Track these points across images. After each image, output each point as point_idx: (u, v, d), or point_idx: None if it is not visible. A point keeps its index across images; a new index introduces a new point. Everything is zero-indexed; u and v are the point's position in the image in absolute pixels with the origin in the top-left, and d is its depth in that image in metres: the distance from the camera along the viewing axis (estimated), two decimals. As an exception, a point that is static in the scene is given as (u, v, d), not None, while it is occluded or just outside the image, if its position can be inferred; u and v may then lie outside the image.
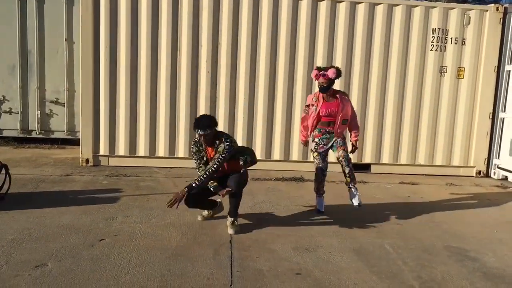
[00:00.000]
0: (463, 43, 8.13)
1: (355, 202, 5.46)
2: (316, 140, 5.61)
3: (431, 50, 8.07)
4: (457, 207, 6.29)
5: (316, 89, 5.85)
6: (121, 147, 7.80)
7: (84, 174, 7.14)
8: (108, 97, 7.66)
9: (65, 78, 9.29)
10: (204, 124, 4.79)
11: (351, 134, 5.80)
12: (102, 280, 3.70)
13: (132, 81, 7.67)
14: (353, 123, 5.73)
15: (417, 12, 7.97)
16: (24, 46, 9.21)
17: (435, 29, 8.04)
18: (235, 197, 5.01)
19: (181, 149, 7.86)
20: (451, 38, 8.09)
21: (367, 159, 8.21)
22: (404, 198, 6.65)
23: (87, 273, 3.79)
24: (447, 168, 8.36)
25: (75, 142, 9.37)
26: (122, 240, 4.54)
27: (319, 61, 7.79)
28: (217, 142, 4.85)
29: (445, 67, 8.14)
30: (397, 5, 7.95)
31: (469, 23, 8.08)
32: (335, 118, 5.51)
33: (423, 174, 8.18)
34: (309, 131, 5.63)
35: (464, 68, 8.18)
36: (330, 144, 5.60)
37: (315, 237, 4.88)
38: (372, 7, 7.87)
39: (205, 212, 5.29)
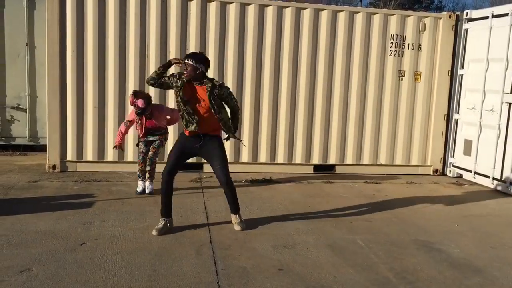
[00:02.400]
0: (419, 48, 8.58)
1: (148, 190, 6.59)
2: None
3: (390, 55, 8.48)
4: (419, 204, 6.65)
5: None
6: (89, 152, 7.75)
7: (52, 180, 7.06)
8: (76, 102, 7.60)
9: (26, 84, 9.11)
10: (197, 57, 4.86)
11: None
12: (90, 282, 3.75)
13: (100, 85, 7.65)
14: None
15: (377, 19, 8.35)
16: (-17, 51, 8.98)
17: (393, 35, 8.45)
18: (231, 189, 5.19)
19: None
20: (408, 44, 8.52)
21: (331, 160, 8.51)
22: (369, 196, 6.96)
23: (74, 276, 3.83)
24: (407, 167, 8.77)
25: (38, 149, 9.23)
26: (103, 244, 4.58)
27: (284, 63, 8.05)
28: (208, 83, 4.90)
29: (403, 71, 8.57)
30: (358, 12, 8.32)
31: (424, 29, 8.54)
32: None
33: (384, 174, 8.56)
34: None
35: (421, 72, 8.63)
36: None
37: (291, 235, 5.08)
38: (334, 14, 8.19)
39: (160, 225, 5.05)
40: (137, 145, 6.71)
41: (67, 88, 7.57)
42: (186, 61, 4.84)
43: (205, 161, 7.90)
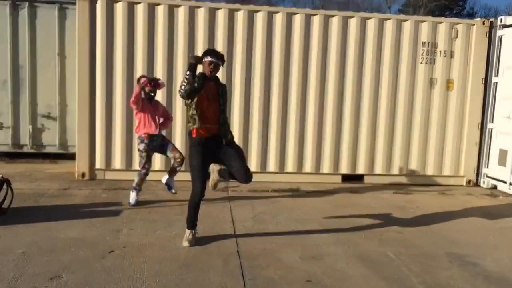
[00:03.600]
0: (451, 56, 8.39)
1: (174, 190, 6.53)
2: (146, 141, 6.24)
3: (421, 63, 8.31)
4: (452, 215, 6.45)
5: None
6: (117, 161, 7.82)
7: (82, 188, 7.13)
8: (105, 111, 7.69)
9: (57, 93, 9.26)
10: (218, 54, 4.84)
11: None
12: (118, 291, 3.73)
13: (129, 94, 7.66)
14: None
15: (407, 26, 8.21)
16: (16, 60, 9.17)
17: (424, 42, 8.29)
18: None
19: (178, 162, 7.89)
20: (440, 51, 8.34)
21: (360, 170, 8.36)
22: (400, 207, 6.79)
23: (103, 284, 3.82)
24: (438, 178, 8.55)
25: (67, 157, 9.34)
26: (131, 252, 4.57)
27: (312, 71, 7.98)
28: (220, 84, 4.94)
29: (435, 79, 8.38)
30: (387, 19, 8.20)
31: (457, 36, 8.35)
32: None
33: (414, 184, 8.35)
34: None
35: (453, 80, 8.43)
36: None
37: (319, 246, 4.98)
38: (363, 21, 8.09)
39: (190, 236, 4.93)
40: (143, 149, 6.22)
41: (96, 97, 7.67)
42: (209, 58, 4.77)
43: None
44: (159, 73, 7.74)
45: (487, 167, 8.55)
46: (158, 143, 6.32)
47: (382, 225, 5.85)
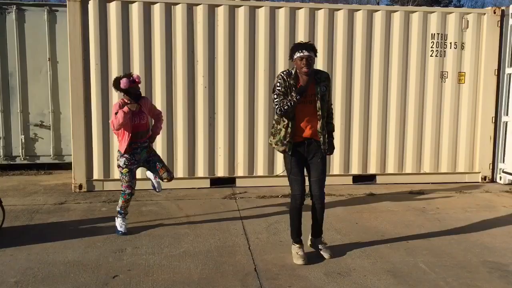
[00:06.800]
0: (462, 47, 7.99)
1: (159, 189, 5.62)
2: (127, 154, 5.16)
3: (431, 56, 7.91)
4: (476, 217, 6.05)
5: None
6: (116, 170, 7.31)
7: (79, 201, 6.68)
8: (101, 118, 7.23)
9: (49, 100, 8.81)
10: (309, 45, 4.25)
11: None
12: (126, 325, 3.30)
13: (126, 100, 7.25)
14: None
15: (415, 18, 7.80)
16: (5, 67, 8.69)
17: (434, 34, 7.89)
18: (322, 206, 4.61)
19: (180, 170, 7.47)
20: (450, 43, 7.94)
21: (372, 170, 7.96)
22: (419, 209, 6.39)
23: (109, 318, 3.38)
24: (453, 175, 8.16)
25: (63, 167, 8.90)
26: (137, 276, 4.13)
27: (319, 65, 7.55)
28: (319, 76, 4.35)
29: (446, 73, 7.98)
30: (395, 11, 7.79)
31: (467, 27, 7.96)
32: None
33: (428, 183, 7.96)
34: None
35: (465, 72, 8.03)
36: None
37: (343, 259, 4.56)
38: (370, 14, 7.68)
39: (302, 252, 4.52)
40: (123, 164, 5.16)
41: (92, 104, 7.20)
42: (304, 53, 4.19)
43: (238, 175, 7.61)
44: (157, 75, 7.30)
45: (503, 162, 8.16)
46: (143, 157, 5.29)
47: (406, 231, 5.43)
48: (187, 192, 7.19)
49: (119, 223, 5.30)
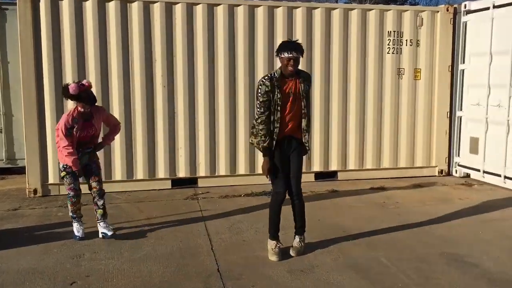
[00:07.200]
0: (417, 44, 8.17)
1: (110, 232, 5.07)
2: None
3: (388, 53, 8.05)
4: (434, 210, 6.19)
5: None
6: (73, 173, 7.12)
7: (34, 206, 6.43)
8: (55, 120, 6.90)
9: (1, 102, 8.46)
10: (296, 46, 4.27)
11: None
12: (85, 334, 3.18)
13: (81, 100, 7.03)
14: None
15: (372, 16, 7.92)
16: (-49, 69, 8.30)
17: (390, 31, 8.03)
18: (300, 202, 4.68)
19: (140, 171, 7.31)
20: (406, 40, 8.11)
21: (333, 166, 8.03)
22: (380, 204, 6.49)
23: (66, 327, 3.26)
24: (411, 169, 8.33)
25: (16, 171, 8.56)
26: (96, 282, 4.00)
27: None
28: (302, 75, 4.43)
29: (402, 69, 8.14)
30: (352, 9, 7.88)
31: (422, 24, 8.14)
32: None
33: (388, 178, 8.10)
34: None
35: (420, 69, 8.22)
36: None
37: (306, 256, 4.57)
38: (328, 12, 7.73)
39: (277, 249, 4.55)
40: (64, 177, 5.05)
41: (45, 105, 6.95)
42: (292, 54, 4.25)
43: (200, 175, 7.52)
44: (114, 75, 7.11)
45: (459, 155, 8.40)
46: (83, 162, 5.05)
47: (367, 226, 5.49)
48: (147, 194, 7.05)
49: (76, 227, 5.14)
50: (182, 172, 7.46)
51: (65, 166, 5.00)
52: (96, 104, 5.09)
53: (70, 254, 4.64)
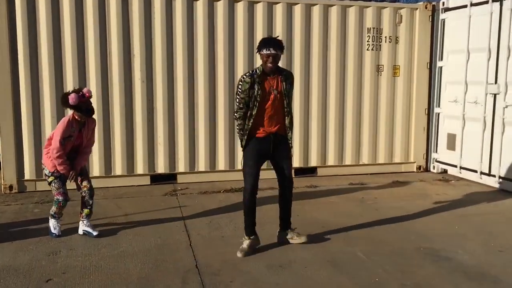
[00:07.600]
0: (396, 41, 8.24)
1: (95, 232, 5.02)
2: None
3: (367, 50, 8.10)
4: (412, 205, 6.26)
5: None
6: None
7: (10, 203, 6.32)
8: (31, 114, 6.86)
9: (-25, 96, 8.26)
10: (276, 43, 4.32)
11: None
12: (59, 331, 3.14)
13: (58, 94, 6.89)
14: None
15: (352, 12, 7.95)
16: None
17: (370, 28, 8.08)
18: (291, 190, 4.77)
19: (118, 167, 7.24)
20: (386, 37, 8.17)
21: (313, 162, 8.06)
22: (359, 200, 6.54)
23: (40, 325, 3.21)
24: (390, 165, 8.42)
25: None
26: (72, 278, 3.95)
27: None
28: (284, 74, 4.50)
29: (382, 66, 8.20)
30: (332, 5, 7.90)
31: (401, 21, 8.21)
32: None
33: (367, 174, 8.17)
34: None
35: (399, 66, 8.29)
36: None
37: (285, 252, 4.58)
38: (308, 8, 7.74)
39: (245, 245, 4.56)
40: (52, 182, 4.94)
41: (21, 99, 6.81)
42: (271, 51, 4.30)
43: (179, 171, 7.48)
44: (91, 69, 7.02)
45: (436, 152, 8.51)
46: (71, 161, 4.97)
47: (345, 221, 5.53)
48: (126, 190, 6.99)
49: (52, 224, 5.06)
50: (161, 168, 7.41)
51: (52, 172, 4.91)
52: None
53: (46, 251, 4.57)
